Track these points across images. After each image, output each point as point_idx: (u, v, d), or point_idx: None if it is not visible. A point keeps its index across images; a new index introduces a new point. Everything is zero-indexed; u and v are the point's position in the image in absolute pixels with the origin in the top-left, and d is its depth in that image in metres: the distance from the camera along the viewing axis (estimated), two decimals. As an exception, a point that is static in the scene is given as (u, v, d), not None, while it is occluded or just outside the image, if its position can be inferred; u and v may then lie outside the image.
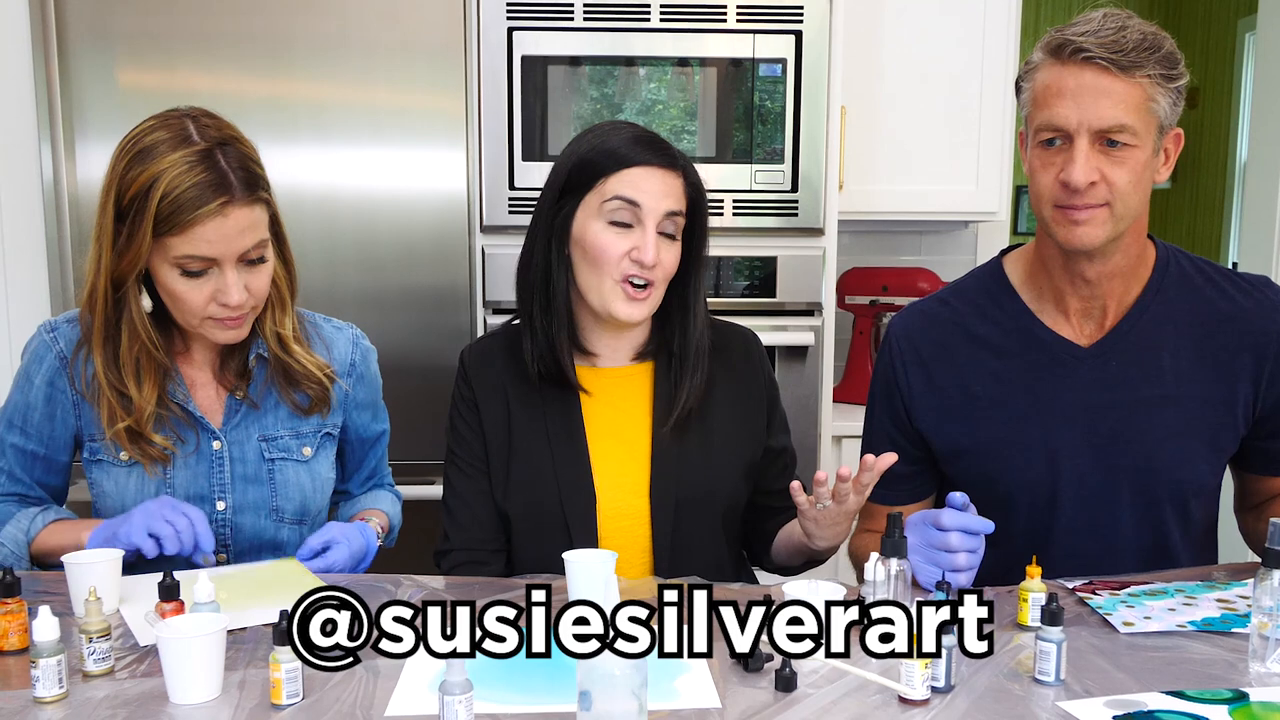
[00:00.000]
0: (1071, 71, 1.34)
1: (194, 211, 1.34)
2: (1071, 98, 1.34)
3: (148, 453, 1.47)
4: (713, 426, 1.55)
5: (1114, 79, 1.33)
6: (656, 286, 1.48)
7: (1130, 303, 1.48)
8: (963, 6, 2.70)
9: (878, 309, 2.86)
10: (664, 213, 1.46)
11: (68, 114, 2.28)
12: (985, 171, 2.75)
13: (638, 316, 1.48)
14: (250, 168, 1.41)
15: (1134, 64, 1.32)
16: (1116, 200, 1.37)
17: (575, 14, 2.36)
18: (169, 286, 1.41)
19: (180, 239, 1.36)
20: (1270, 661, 1.12)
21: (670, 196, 1.47)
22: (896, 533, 1.20)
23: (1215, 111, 5.51)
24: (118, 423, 1.45)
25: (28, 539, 1.46)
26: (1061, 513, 1.48)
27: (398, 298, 2.39)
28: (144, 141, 1.37)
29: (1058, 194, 1.38)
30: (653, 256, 1.44)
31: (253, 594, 1.34)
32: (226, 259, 1.39)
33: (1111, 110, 1.33)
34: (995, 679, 1.12)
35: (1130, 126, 1.34)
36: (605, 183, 1.45)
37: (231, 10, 2.30)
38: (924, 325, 1.57)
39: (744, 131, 2.42)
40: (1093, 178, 1.35)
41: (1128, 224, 1.40)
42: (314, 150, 2.34)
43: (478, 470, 1.56)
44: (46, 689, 1.06)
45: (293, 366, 1.52)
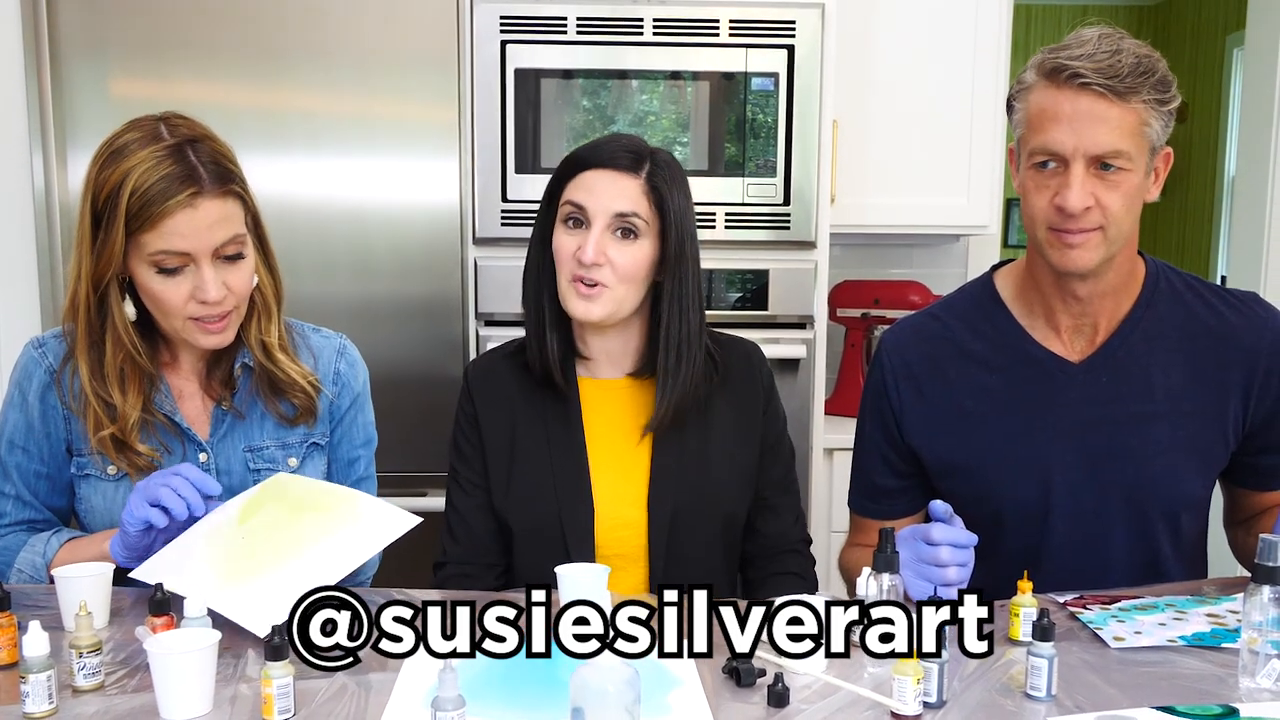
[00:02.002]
0: (1067, 96, 1.34)
1: (162, 204, 1.34)
2: (1068, 123, 1.34)
3: (134, 462, 1.46)
4: (711, 438, 1.56)
5: (1110, 105, 1.33)
6: (610, 286, 1.48)
7: (1120, 319, 1.49)
8: (953, 22, 2.72)
9: (869, 322, 2.87)
10: (612, 213, 1.48)
11: (60, 124, 2.28)
12: (976, 185, 2.76)
13: (592, 314, 1.49)
14: (222, 163, 1.41)
15: (1130, 89, 1.32)
16: (1110, 224, 1.37)
17: (568, 28, 2.37)
18: (147, 287, 1.40)
19: (152, 234, 1.36)
20: (1260, 677, 1.13)
21: (622, 198, 1.48)
22: (889, 548, 1.20)
23: (1204, 126, 5.55)
24: (103, 430, 1.44)
25: (45, 562, 1.44)
26: (1053, 528, 1.49)
27: (390, 309, 2.38)
28: (116, 144, 1.38)
29: (1052, 217, 1.38)
30: (591, 255, 1.46)
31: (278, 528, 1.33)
32: (201, 253, 1.38)
33: (1108, 136, 1.33)
34: (987, 694, 1.12)
35: (1125, 152, 1.34)
36: (565, 189, 1.51)
37: (224, 20, 2.29)
38: (915, 340, 1.57)
39: (736, 145, 2.42)
40: (1088, 203, 1.35)
41: (1120, 246, 1.41)
42: (307, 161, 2.33)
43: (476, 487, 1.57)
44: (36, 704, 1.05)
45: (277, 376, 1.51)
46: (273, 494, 1.38)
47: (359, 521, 1.35)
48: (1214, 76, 5.50)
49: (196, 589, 1.23)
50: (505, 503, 1.54)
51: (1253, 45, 3.22)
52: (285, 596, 1.13)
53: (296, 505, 1.37)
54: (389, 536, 1.33)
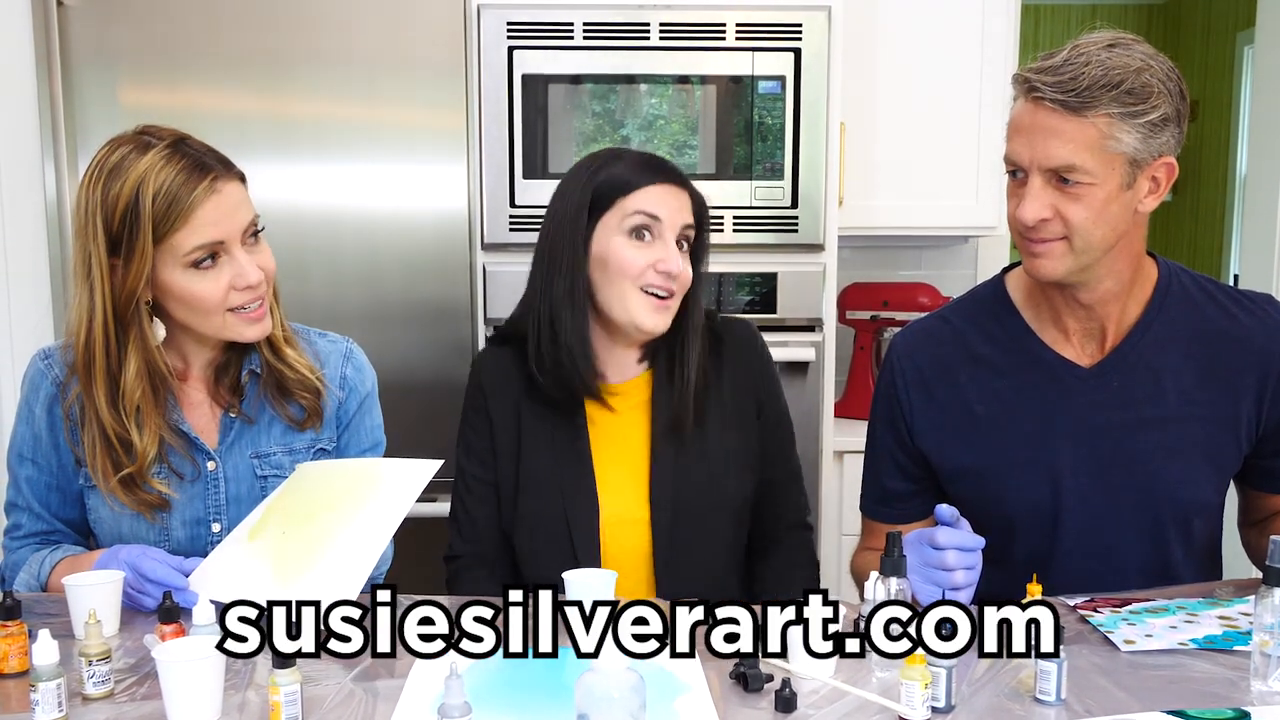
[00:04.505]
0: (1028, 109, 1.36)
1: (190, 196, 1.34)
2: (1026, 135, 1.36)
3: (145, 500, 1.44)
4: (710, 427, 1.57)
5: (1063, 119, 1.32)
6: (676, 296, 1.53)
7: (1131, 323, 1.48)
8: (961, 21, 2.71)
9: (879, 324, 2.87)
10: (680, 226, 1.52)
11: (71, 133, 2.30)
12: (984, 186, 2.75)
13: (663, 326, 1.52)
14: (216, 152, 1.42)
15: (1084, 104, 1.31)
16: (1075, 235, 1.36)
17: (575, 33, 2.37)
18: (184, 290, 1.38)
19: (184, 231, 1.35)
20: (1272, 680, 1.12)
21: (683, 211, 1.54)
22: (896, 551, 1.20)
23: (1215, 124, 5.52)
24: (122, 470, 1.41)
25: (40, 583, 1.45)
26: (1063, 533, 1.48)
27: (399, 314, 2.39)
28: (109, 162, 1.36)
29: (1016, 226, 1.40)
30: (678, 266, 1.50)
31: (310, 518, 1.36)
32: (232, 238, 1.38)
33: (1060, 150, 1.33)
34: (996, 699, 1.11)
35: (1081, 166, 1.33)
36: (625, 201, 1.51)
37: (234, 29, 2.31)
38: (925, 343, 1.57)
39: (744, 148, 2.42)
40: (1043, 214, 1.36)
41: (1095, 256, 1.39)
42: (315, 167, 2.34)
43: (486, 476, 1.59)
44: (46, 712, 1.05)
45: (285, 374, 1.50)
46: (295, 487, 1.42)
47: (384, 483, 1.37)
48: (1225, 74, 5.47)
49: (256, 590, 1.28)
50: (512, 499, 1.55)
51: (1263, 42, 3.21)
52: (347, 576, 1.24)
53: (323, 489, 1.40)
54: (417, 487, 1.34)
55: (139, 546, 1.39)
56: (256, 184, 1.49)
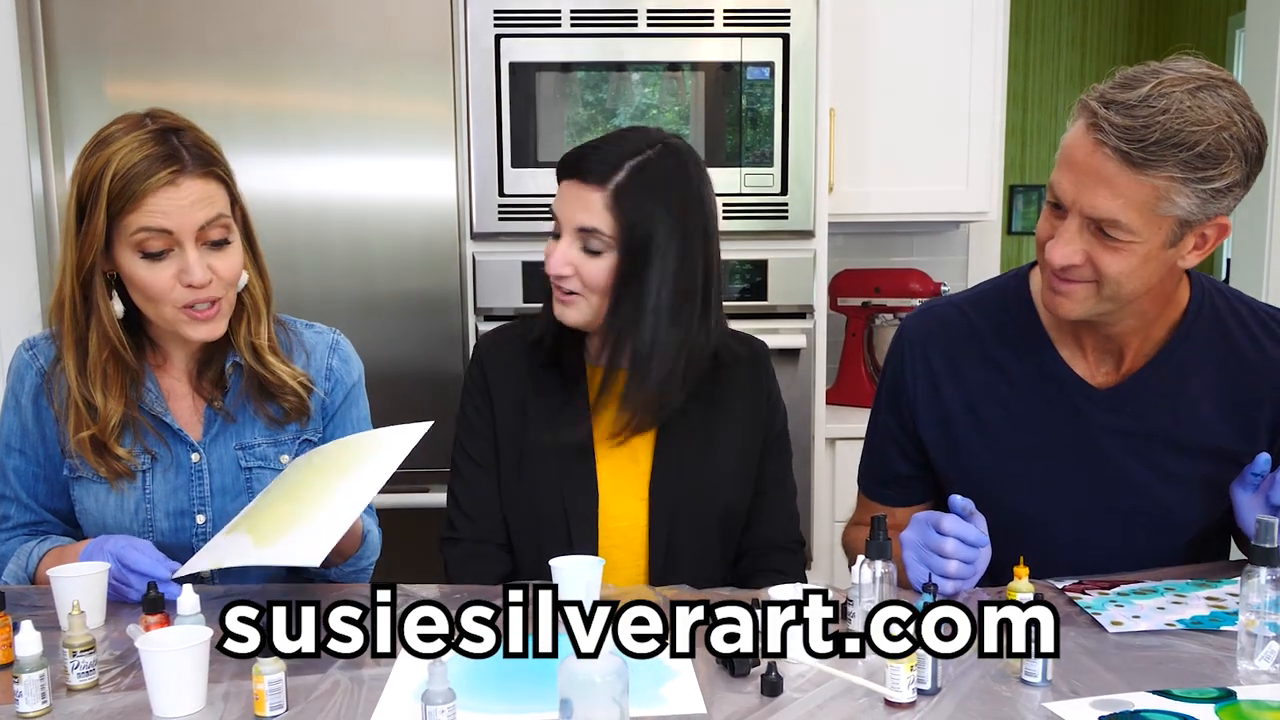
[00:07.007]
0: (1085, 144, 1.23)
1: (144, 182, 1.34)
2: (1075, 174, 1.25)
3: (113, 468, 1.45)
4: (716, 433, 1.55)
5: (1119, 169, 1.20)
6: (583, 295, 1.47)
7: (1152, 349, 1.41)
8: (952, 7, 2.70)
9: (870, 310, 2.86)
10: (575, 226, 1.45)
11: (56, 126, 2.29)
12: (975, 171, 2.75)
13: (567, 319, 1.49)
14: (205, 149, 1.41)
15: (1148, 161, 1.19)
16: (1105, 284, 1.28)
17: (563, 20, 2.36)
18: (133, 273, 1.39)
19: (135, 214, 1.36)
20: (1258, 659, 1.12)
21: (586, 211, 1.43)
22: (880, 535, 1.20)
23: (1208, 108, 5.51)
24: (82, 431, 1.43)
25: (28, 575, 1.45)
26: (1058, 550, 1.43)
27: (389, 305, 2.39)
28: (101, 135, 1.40)
29: (1045, 260, 1.32)
30: (556, 268, 1.46)
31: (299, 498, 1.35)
32: (184, 233, 1.38)
33: (1107, 203, 1.22)
34: (982, 680, 1.11)
35: (1125, 224, 1.23)
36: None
37: (220, 20, 2.30)
38: (938, 334, 1.51)
39: (734, 135, 2.42)
40: (1075, 260, 1.27)
41: (1121, 304, 1.31)
42: (303, 159, 2.34)
43: (487, 459, 1.56)
44: (30, 704, 1.05)
45: (268, 379, 1.50)
46: (285, 478, 1.42)
47: (373, 448, 1.37)
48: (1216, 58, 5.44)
49: (236, 556, 1.28)
50: (511, 484, 1.54)
51: (1253, 26, 3.20)
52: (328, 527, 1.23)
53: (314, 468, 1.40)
54: (407, 447, 1.34)
55: (124, 538, 1.39)
56: (243, 176, 1.47)
